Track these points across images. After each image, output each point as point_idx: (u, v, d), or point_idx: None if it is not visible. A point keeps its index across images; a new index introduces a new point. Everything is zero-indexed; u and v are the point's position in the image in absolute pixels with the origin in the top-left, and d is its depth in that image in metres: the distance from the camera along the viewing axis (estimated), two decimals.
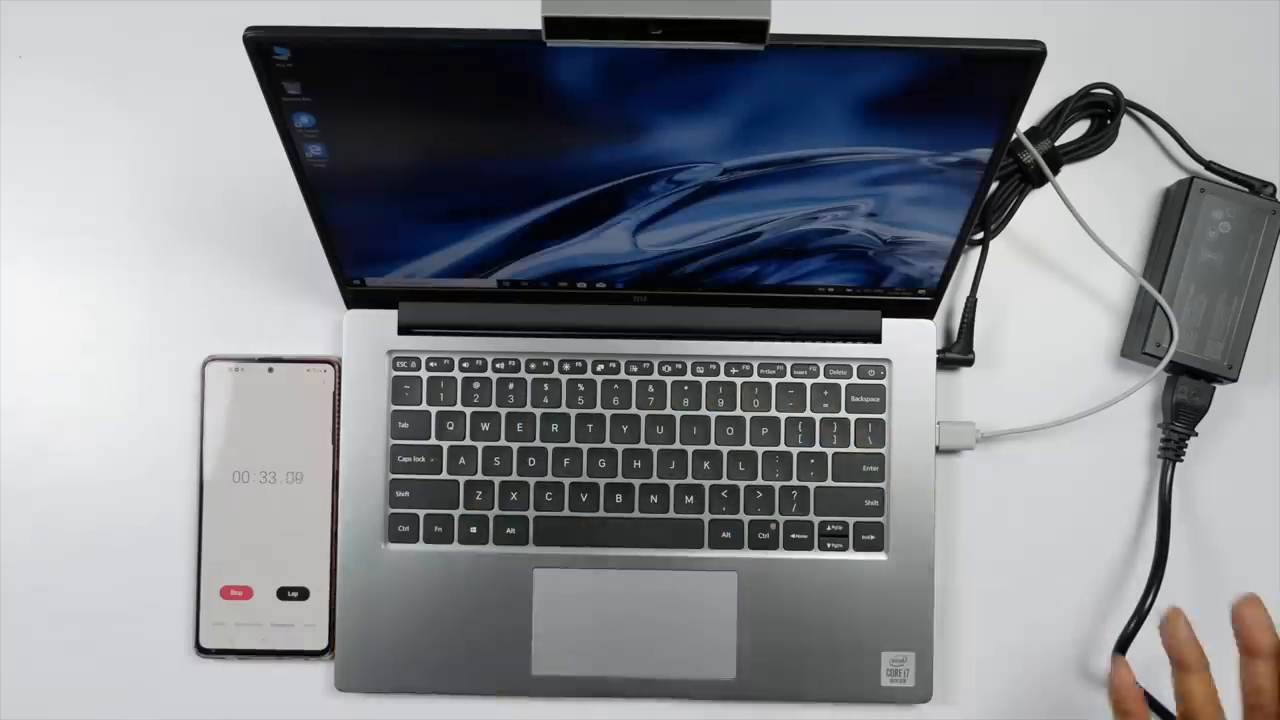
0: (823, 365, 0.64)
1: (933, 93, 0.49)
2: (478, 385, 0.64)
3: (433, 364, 0.64)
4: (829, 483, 0.63)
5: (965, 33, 0.47)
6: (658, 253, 0.59)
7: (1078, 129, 0.67)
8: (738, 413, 0.63)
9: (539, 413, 0.63)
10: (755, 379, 0.64)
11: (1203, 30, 0.68)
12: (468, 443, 0.63)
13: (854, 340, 0.64)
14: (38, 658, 0.64)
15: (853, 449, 0.63)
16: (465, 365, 0.64)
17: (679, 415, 0.63)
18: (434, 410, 0.63)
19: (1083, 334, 0.67)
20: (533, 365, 0.64)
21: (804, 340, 0.64)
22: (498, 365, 0.64)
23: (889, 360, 0.64)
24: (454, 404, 0.63)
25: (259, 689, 0.65)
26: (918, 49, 0.47)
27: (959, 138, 0.51)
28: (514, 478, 0.63)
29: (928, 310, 0.63)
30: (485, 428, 0.63)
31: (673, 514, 0.63)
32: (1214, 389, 0.65)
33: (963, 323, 0.65)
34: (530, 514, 0.63)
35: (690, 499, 0.63)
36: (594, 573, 0.63)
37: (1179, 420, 0.65)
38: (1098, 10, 0.68)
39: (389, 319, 0.63)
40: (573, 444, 0.63)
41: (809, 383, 0.64)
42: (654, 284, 0.61)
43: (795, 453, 0.63)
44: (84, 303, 0.66)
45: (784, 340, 0.64)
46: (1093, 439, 0.66)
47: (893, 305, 0.63)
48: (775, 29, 0.45)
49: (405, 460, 0.63)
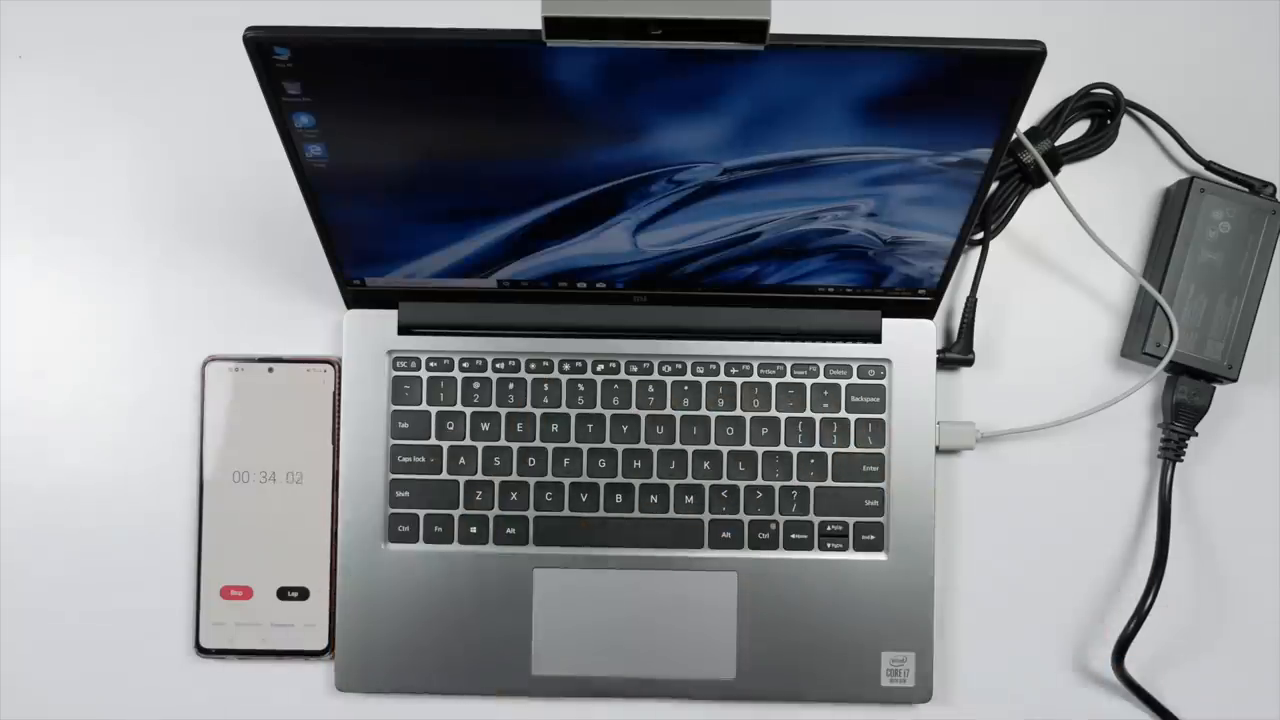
0: (823, 365, 0.64)
1: (933, 93, 0.49)
2: (478, 385, 0.64)
3: (433, 364, 0.64)
4: (829, 483, 0.63)
5: (965, 33, 0.47)
6: (658, 253, 0.59)
7: (1078, 129, 0.67)
8: (738, 413, 0.63)
9: (539, 413, 0.63)
10: (755, 379, 0.64)
11: (1203, 30, 0.68)
12: (468, 443, 0.63)
13: (854, 340, 0.64)
14: (37, 657, 0.64)
15: (853, 449, 0.63)
16: (465, 365, 0.64)
17: (679, 415, 0.63)
18: (434, 410, 0.63)
19: (1083, 334, 0.67)
20: (533, 365, 0.64)
21: (804, 340, 0.64)
22: (498, 365, 0.64)
23: (889, 360, 0.64)
24: (454, 404, 0.63)
25: (259, 689, 0.65)
26: (918, 49, 0.47)
27: (959, 138, 0.51)
28: (514, 478, 0.63)
29: (928, 310, 0.63)
30: (485, 428, 0.63)
31: (673, 514, 0.63)
32: (1214, 389, 0.65)
33: (963, 323, 0.65)
34: (530, 514, 0.63)
35: (690, 499, 0.63)
36: (594, 573, 0.63)
37: (1179, 420, 0.65)
38: (1098, 10, 0.68)
39: (389, 319, 0.63)
40: (573, 444, 0.63)
41: (809, 383, 0.64)
42: (654, 284, 0.61)
43: (795, 453, 0.63)
44: (84, 302, 0.66)
45: (784, 340, 0.64)
46: (1093, 439, 0.66)
47: (893, 305, 0.63)
48: (775, 29, 0.45)
49: (405, 460, 0.63)
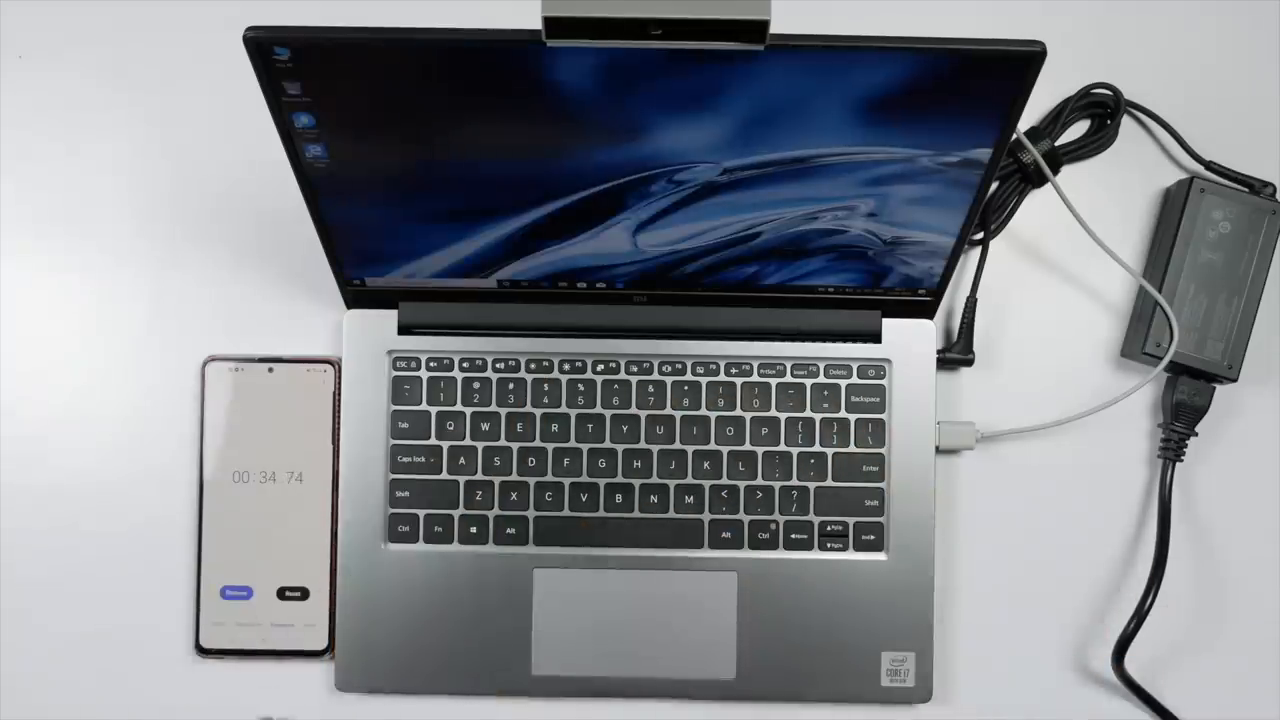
0: (823, 365, 0.64)
1: (933, 93, 0.49)
2: (478, 385, 0.63)
3: (433, 364, 0.64)
4: (829, 483, 0.63)
5: (965, 33, 0.47)
6: (658, 253, 0.59)
7: (1078, 129, 0.67)
8: (738, 413, 0.63)
9: (539, 413, 0.63)
10: (755, 379, 0.64)
11: (1203, 30, 0.68)
12: (468, 443, 0.63)
13: (854, 340, 0.64)
14: (37, 658, 0.64)
15: (853, 449, 0.63)
16: (465, 365, 0.64)
17: (679, 415, 0.63)
18: (434, 410, 0.63)
19: (1083, 334, 0.67)
20: (533, 365, 0.63)
21: (804, 340, 0.64)
22: (498, 365, 0.64)
23: (889, 360, 0.64)
24: (454, 404, 0.63)
25: (259, 689, 0.64)
26: (918, 49, 0.47)
27: (959, 138, 0.51)
28: (514, 478, 0.63)
29: (928, 310, 0.63)
30: (485, 428, 0.63)
31: (673, 514, 0.63)
32: (1214, 389, 0.65)
33: (963, 323, 0.65)
34: (530, 514, 0.63)
35: (690, 499, 0.63)
36: (594, 573, 0.63)
37: (1179, 420, 0.65)
38: (1098, 10, 0.68)
39: (389, 319, 0.63)
40: (573, 444, 0.63)
41: (809, 383, 0.64)
42: (654, 284, 0.61)
43: (795, 453, 0.63)
44: (84, 302, 0.66)
45: (784, 340, 0.64)
46: (1093, 439, 0.66)
47: (893, 305, 0.63)
48: (775, 29, 0.45)
49: (405, 460, 0.63)
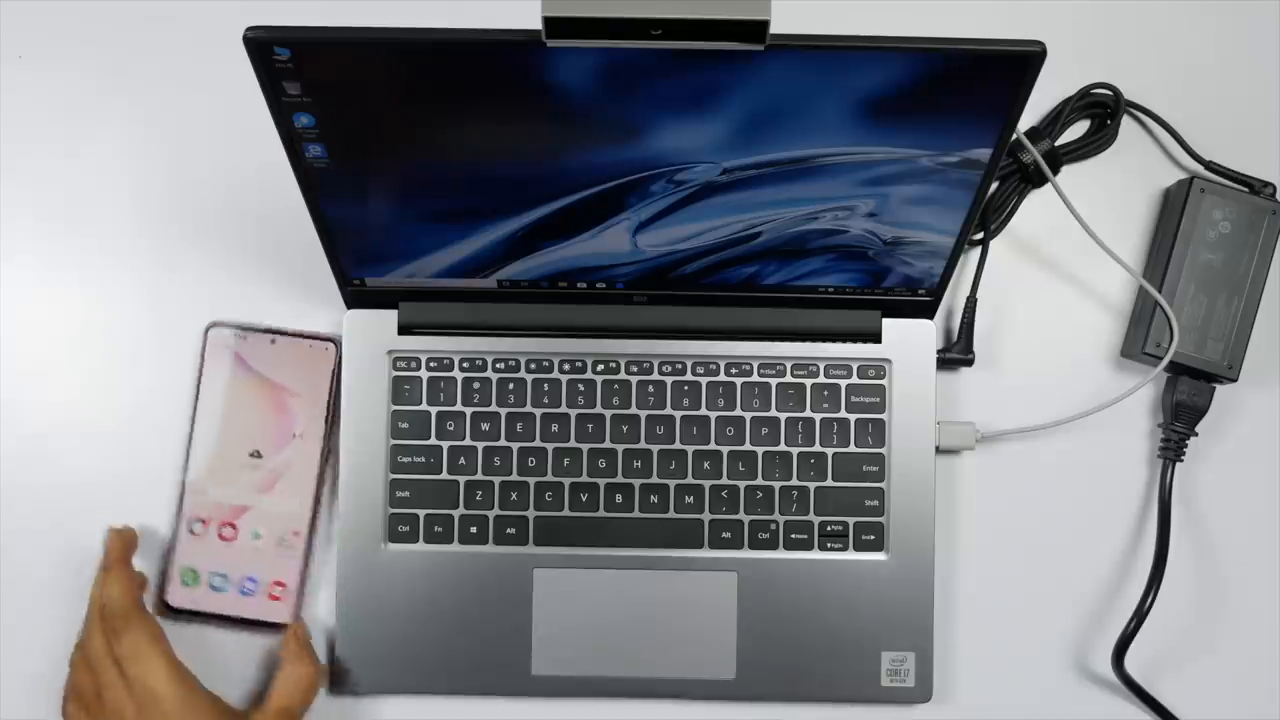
0: (823, 365, 0.64)
1: (933, 93, 0.49)
2: (478, 385, 0.63)
3: (433, 364, 0.64)
4: (829, 483, 0.63)
5: (965, 33, 0.47)
6: (658, 253, 0.59)
7: (1078, 129, 0.67)
8: (738, 413, 0.63)
9: (539, 413, 0.63)
10: (755, 379, 0.64)
11: (1203, 30, 0.68)
12: (468, 443, 0.63)
13: (854, 340, 0.64)
14: (38, 657, 0.64)
15: (853, 449, 0.63)
16: (465, 365, 0.64)
17: (679, 415, 0.63)
18: (434, 410, 0.63)
19: (1083, 334, 0.67)
20: (533, 365, 0.63)
21: (804, 340, 0.64)
22: (498, 365, 0.64)
23: (889, 360, 0.64)
24: (454, 404, 0.63)
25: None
26: (918, 49, 0.47)
27: (959, 138, 0.51)
28: (514, 478, 0.63)
29: (928, 310, 0.63)
30: (485, 428, 0.63)
31: (673, 514, 0.63)
32: (1214, 389, 0.65)
33: (963, 323, 0.65)
34: (530, 514, 0.63)
35: (690, 499, 0.63)
36: (594, 573, 0.63)
37: (1179, 420, 0.65)
38: (1098, 10, 0.68)
39: (389, 319, 0.63)
40: (573, 444, 0.63)
41: (809, 383, 0.64)
42: (654, 284, 0.61)
43: (795, 453, 0.63)
44: (83, 303, 0.66)
45: (784, 340, 0.64)
46: (1093, 439, 0.66)
47: (893, 305, 0.63)
48: (775, 29, 0.45)
49: (405, 460, 0.63)
